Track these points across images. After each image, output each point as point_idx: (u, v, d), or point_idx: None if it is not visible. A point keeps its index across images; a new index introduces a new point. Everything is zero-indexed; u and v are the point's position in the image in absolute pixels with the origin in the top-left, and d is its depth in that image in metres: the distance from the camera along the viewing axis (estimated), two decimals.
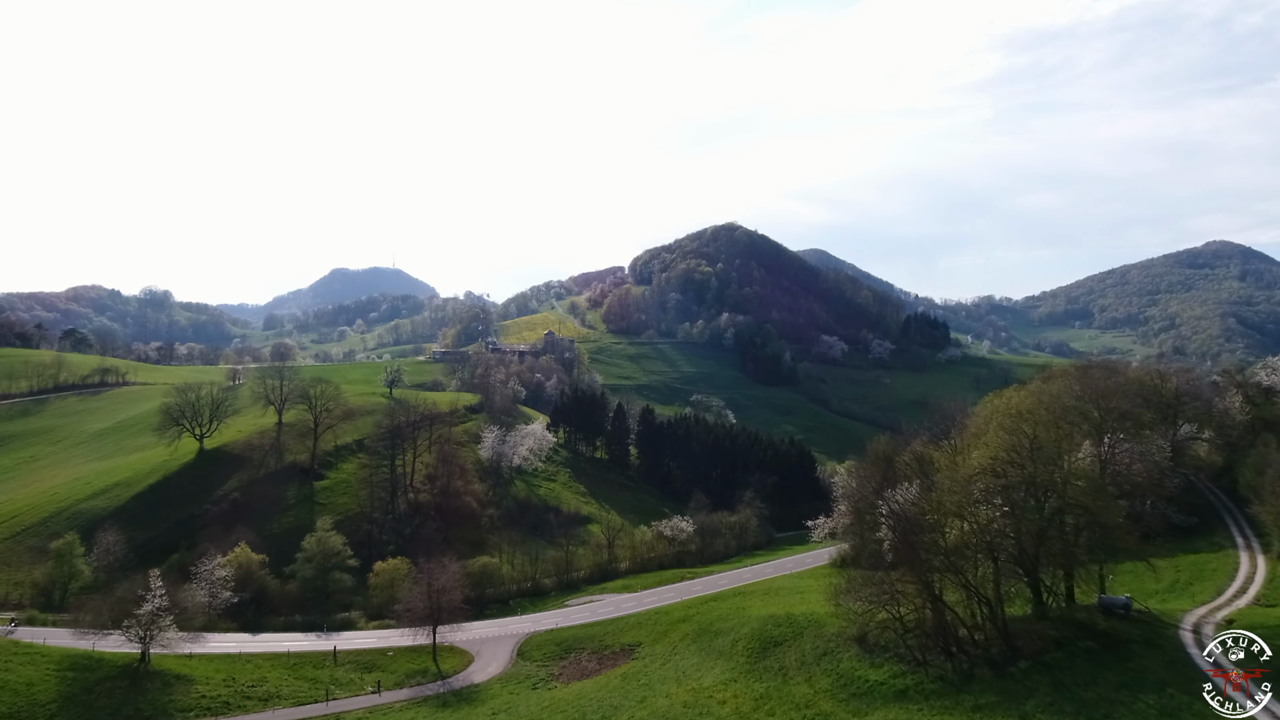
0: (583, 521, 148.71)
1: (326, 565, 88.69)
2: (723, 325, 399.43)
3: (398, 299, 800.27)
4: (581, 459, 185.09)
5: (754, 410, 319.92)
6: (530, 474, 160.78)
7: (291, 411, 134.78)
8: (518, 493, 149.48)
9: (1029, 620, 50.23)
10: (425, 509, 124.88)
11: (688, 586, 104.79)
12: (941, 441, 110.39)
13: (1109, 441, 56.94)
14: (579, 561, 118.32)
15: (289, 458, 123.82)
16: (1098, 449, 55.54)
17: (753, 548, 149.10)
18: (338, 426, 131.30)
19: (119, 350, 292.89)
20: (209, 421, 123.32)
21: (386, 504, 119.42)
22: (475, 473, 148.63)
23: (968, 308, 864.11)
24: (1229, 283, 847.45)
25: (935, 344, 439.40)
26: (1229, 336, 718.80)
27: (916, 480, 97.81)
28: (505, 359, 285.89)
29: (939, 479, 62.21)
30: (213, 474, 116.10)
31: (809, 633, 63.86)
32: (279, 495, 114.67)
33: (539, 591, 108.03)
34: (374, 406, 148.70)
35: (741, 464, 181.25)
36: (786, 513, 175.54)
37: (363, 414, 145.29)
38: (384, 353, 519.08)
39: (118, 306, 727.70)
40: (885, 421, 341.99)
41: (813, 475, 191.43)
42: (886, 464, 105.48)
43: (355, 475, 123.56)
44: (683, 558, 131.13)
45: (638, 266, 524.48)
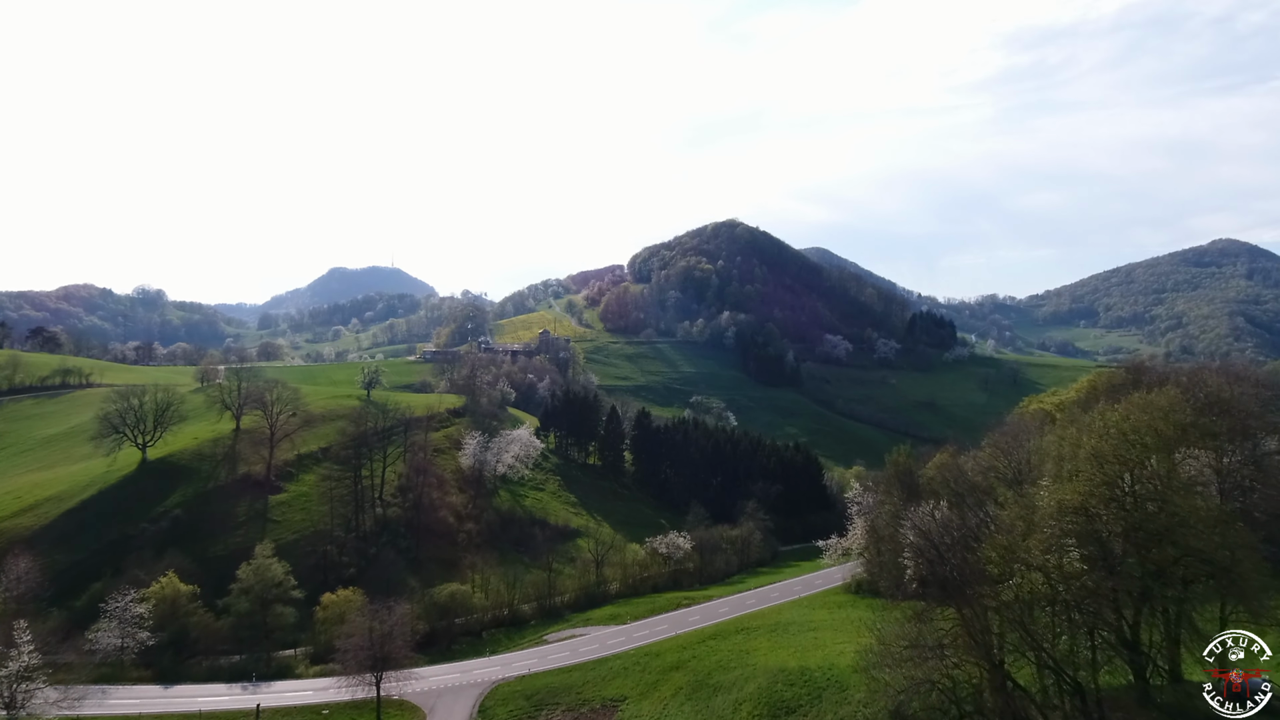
0: (571, 535, 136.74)
1: (266, 598, 76.50)
2: (723, 324, 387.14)
3: (394, 298, 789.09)
4: (573, 466, 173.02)
5: (756, 412, 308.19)
6: (516, 483, 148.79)
7: (251, 417, 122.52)
8: (501, 504, 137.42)
9: (1127, 706, 38.15)
10: (395, 525, 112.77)
11: (684, 616, 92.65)
12: (969, 452, 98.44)
13: (1227, 464, 44.76)
14: (563, 584, 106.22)
15: (243, 469, 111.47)
16: (1219, 476, 43.40)
17: (756, 564, 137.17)
18: (298, 434, 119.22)
19: (94, 350, 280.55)
20: (153, 429, 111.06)
21: (350, 521, 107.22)
22: (454, 483, 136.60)
23: (971, 306, 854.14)
24: (1236, 281, 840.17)
25: (942, 343, 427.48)
26: (1237, 335, 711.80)
27: (945, 499, 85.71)
28: (497, 359, 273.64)
29: (1003, 516, 49.94)
30: (154, 488, 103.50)
31: (829, 697, 51.89)
32: (228, 512, 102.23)
33: (517, 620, 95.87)
34: (346, 411, 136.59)
35: (743, 471, 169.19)
36: (792, 523, 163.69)
37: (331, 419, 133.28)
38: (377, 353, 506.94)
39: (109, 306, 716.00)
40: (893, 424, 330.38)
41: (819, 483, 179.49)
42: (907, 477, 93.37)
43: (316, 488, 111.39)
44: (679, 577, 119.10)
45: (636, 264, 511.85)
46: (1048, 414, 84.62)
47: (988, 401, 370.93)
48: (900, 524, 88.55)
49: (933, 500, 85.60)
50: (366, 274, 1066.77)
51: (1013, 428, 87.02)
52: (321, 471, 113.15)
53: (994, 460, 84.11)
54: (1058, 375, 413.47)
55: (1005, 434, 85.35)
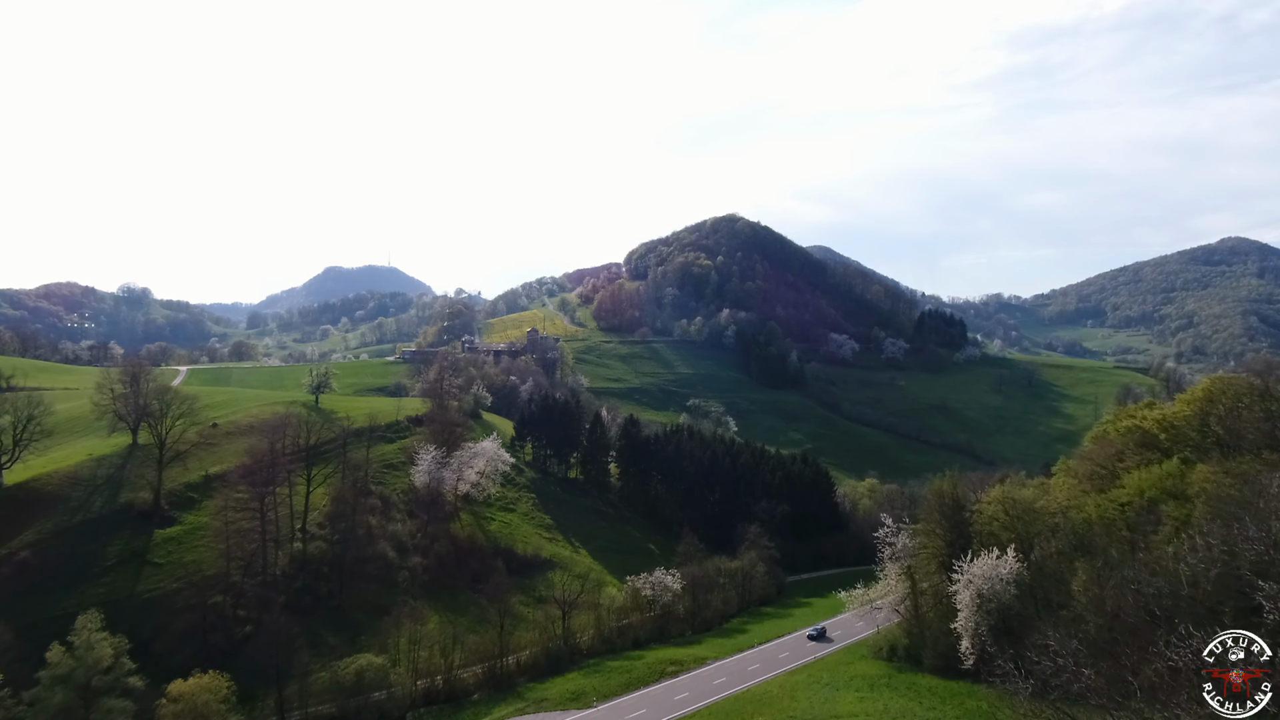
0: (542, 567, 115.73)
1: (90, 689, 55.90)
2: (723, 322, 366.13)
3: (385, 296, 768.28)
4: (551, 481, 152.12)
5: (757, 416, 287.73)
6: (482, 504, 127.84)
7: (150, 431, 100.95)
8: (460, 531, 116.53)
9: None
10: (317, 565, 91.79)
11: (668, 693, 71.75)
12: (1034, 479, 77.50)
13: None
14: (520, 639, 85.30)
15: (126, 496, 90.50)
16: None
17: (759, 602, 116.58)
18: (213, 451, 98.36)
19: (41, 350, 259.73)
20: (13, 447, 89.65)
21: (255, 562, 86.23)
22: (403, 506, 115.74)
23: (976, 306, 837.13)
24: (1247, 280, 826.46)
25: (952, 343, 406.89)
26: (1252, 335, 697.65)
27: (1012, 545, 64.78)
28: (478, 359, 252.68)
29: None
30: (3, 522, 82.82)
31: None
32: (94, 554, 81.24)
33: (455, 694, 75.12)
34: (278, 421, 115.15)
35: (745, 487, 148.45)
36: (799, 548, 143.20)
37: (260, 431, 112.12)
38: (362, 352, 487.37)
39: (92, 304, 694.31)
40: (903, 428, 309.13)
41: (830, 500, 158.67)
42: (954, 513, 72.52)
43: (219, 519, 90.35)
44: (667, 624, 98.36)
45: (633, 260, 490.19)
46: (1145, 433, 63.91)
47: (1003, 404, 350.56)
48: (950, 576, 67.77)
49: (993, 547, 64.94)
50: (363, 273, 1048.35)
51: (1103, 450, 65.94)
52: (226, 498, 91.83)
53: (1078, 498, 63.23)
54: (1074, 377, 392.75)
55: (1094, 459, 64.49)
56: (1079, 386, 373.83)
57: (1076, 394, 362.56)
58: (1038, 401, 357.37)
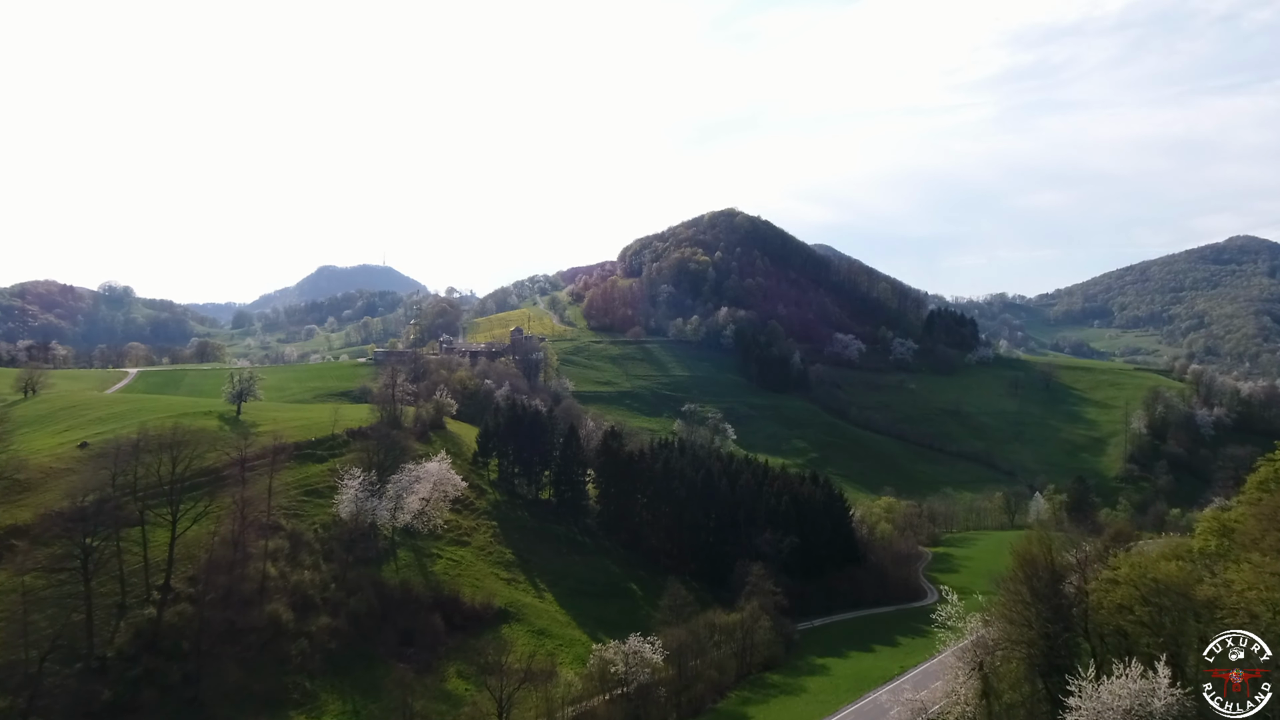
0: (494, 621, 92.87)
1: None
2: (721, 321, 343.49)
3: (374, 295, 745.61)
4: (518, 504, 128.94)
5: (758, 422, 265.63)
6: (427, 537, 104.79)
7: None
8: (390, 577, 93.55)
9: None
10: (173, 637, 68.75)
11: None
12: None
13: None
14: None
15: None
16: None
17: (763, 666, 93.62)
18: (21, 495, 74.86)
19: None
20: None
21: (80, 641, 63.16)
22: (319, 547, 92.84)
23: (980, 306, 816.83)
24: (1258, 279, 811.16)
25: (963, 344, 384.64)
26: (1266, 336, 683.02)
27: (1165, 658, 41.49)
28: (451, 361, 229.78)
29: None
30: None
31: None
32: None
33: None
34: (139, 441, 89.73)
35: (745, 514, 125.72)
36: (809, 588, 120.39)
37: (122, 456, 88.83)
38: (344, 353, 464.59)
39: (69, 303, 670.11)
40: (915, 435, 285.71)
41: (846, 528, 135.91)
42: (1053, 593, 49.65)
43: (42, 578, 67.14)
44: (643, 710, 75.36)
45: (628, 257, 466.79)
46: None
47: (1020, 409, 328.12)
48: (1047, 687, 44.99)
49: (1127, 656, 41.89)
50: (357, 272, 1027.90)
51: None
52: (54, 550, 68.65)
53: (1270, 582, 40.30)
54: (1093, 379, 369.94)
55: None
56: (1099, 390, 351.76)
57: (1097, 398, 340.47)
58: (1056, 406, 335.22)
